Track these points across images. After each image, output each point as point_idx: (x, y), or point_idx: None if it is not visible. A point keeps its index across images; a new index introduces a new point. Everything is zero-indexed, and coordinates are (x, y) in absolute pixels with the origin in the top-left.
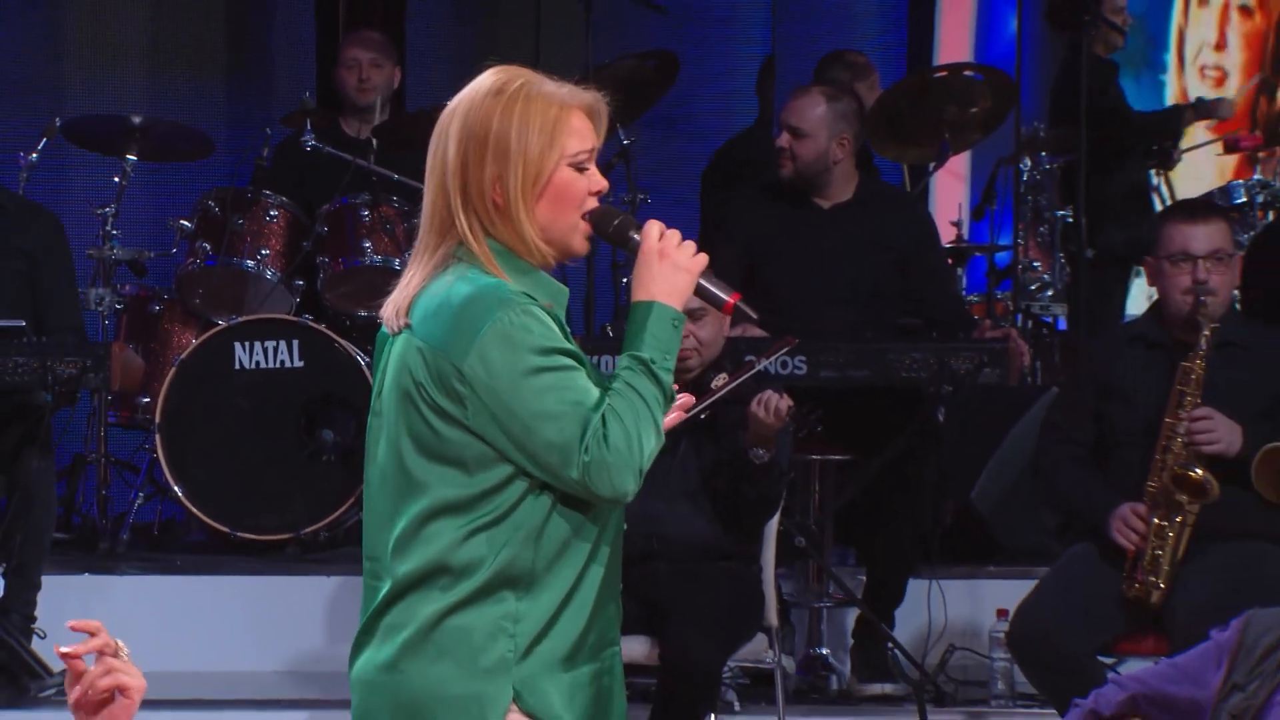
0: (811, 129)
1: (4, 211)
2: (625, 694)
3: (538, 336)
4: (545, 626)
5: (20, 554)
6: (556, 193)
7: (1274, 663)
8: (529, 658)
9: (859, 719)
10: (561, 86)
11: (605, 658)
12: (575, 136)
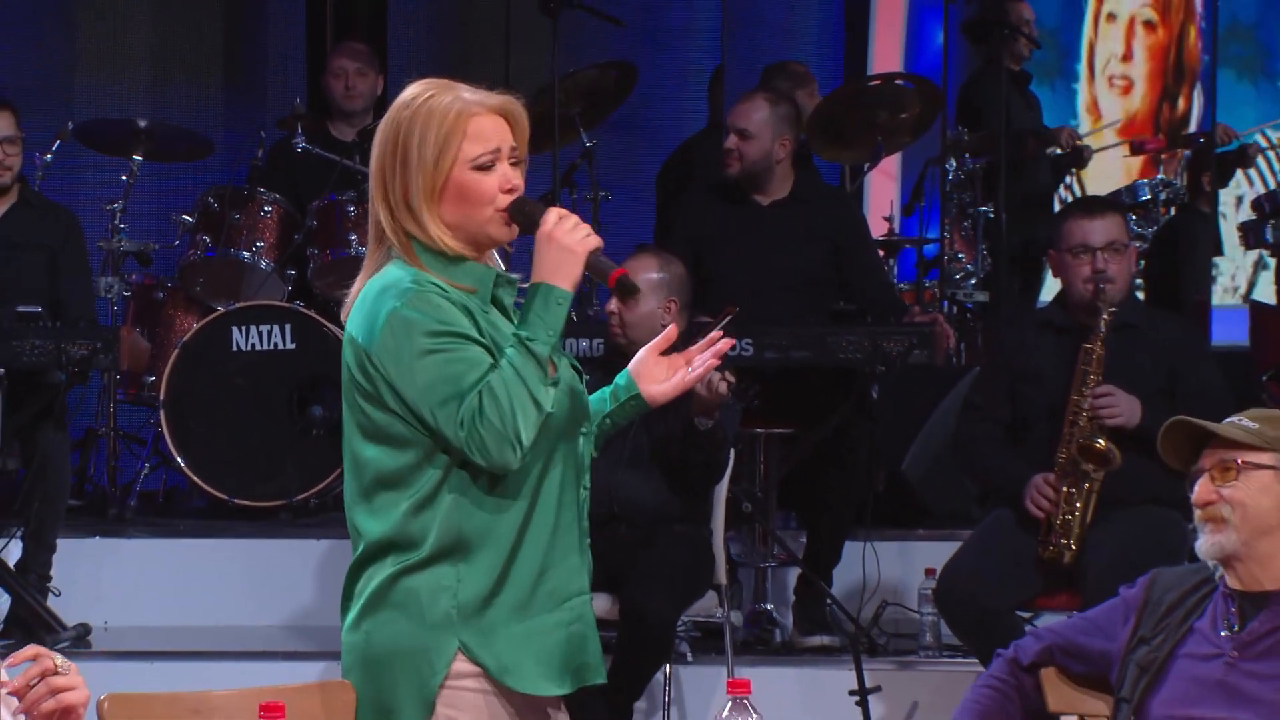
0: (756, 130)
1: (29, 208)
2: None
3: (428, 321)
4: (490, 585)
5: (37, 518)
6: (458, 194)
7: (1177, 618)
8: (477, 614)
9: (800, 669)
10: (475, 93)
11: (571, 607)
12: (475, 140)
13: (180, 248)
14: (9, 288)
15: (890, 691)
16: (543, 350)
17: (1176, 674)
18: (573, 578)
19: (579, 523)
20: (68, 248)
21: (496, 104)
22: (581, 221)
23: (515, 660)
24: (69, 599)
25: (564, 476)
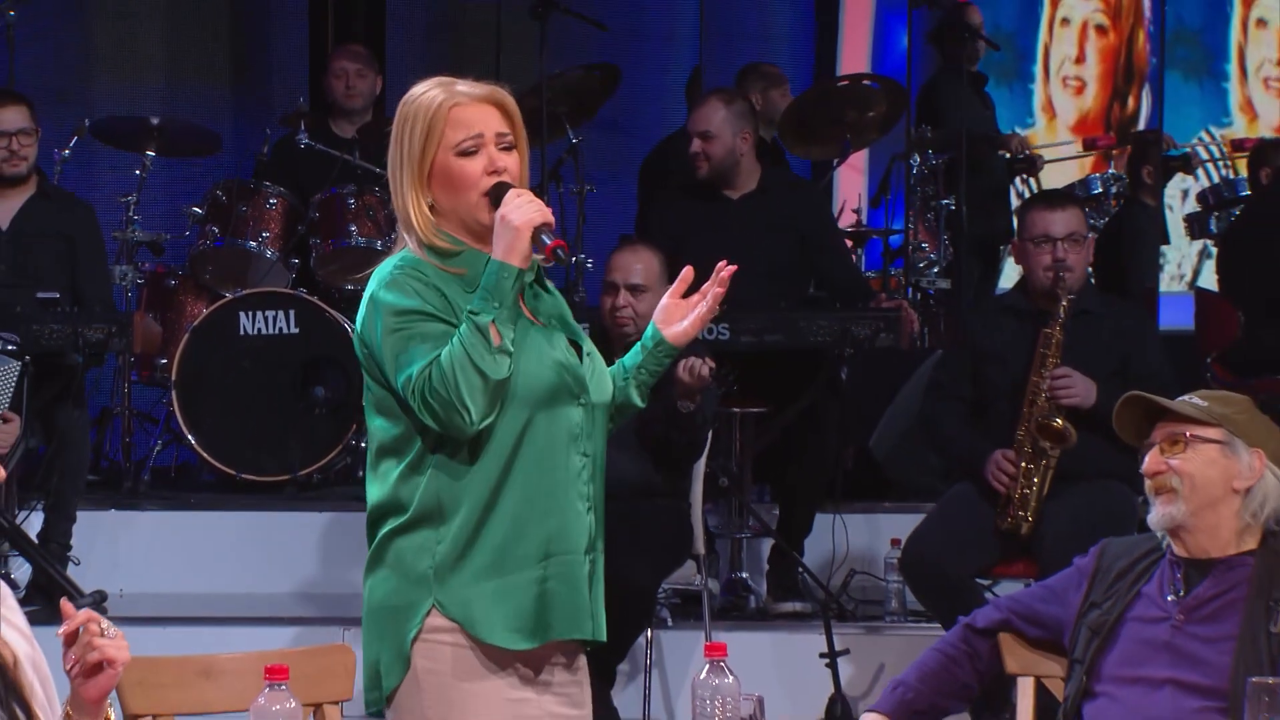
0: (717, 131)
1: (47, 200)
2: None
3: (396, 302)
4: (462, 545)
5: (57, 492)
6: (445, 179)
7: (1126, 584)
8: (451, 572)
9: (774, 633)
10: (465, 85)
11: (551, 565)
12: (457, 127)
13: (190, 238)
14: (29, 275)
15: (858, 654)
16: (484, 320)
17: (1126, 636)
18: (556, 538)
19: (573, 487)
20: (85, 238)
21: (482, 93)
22: (533, 199)
23: (485, 615)
24: (87, 567)
25: (547, 444)
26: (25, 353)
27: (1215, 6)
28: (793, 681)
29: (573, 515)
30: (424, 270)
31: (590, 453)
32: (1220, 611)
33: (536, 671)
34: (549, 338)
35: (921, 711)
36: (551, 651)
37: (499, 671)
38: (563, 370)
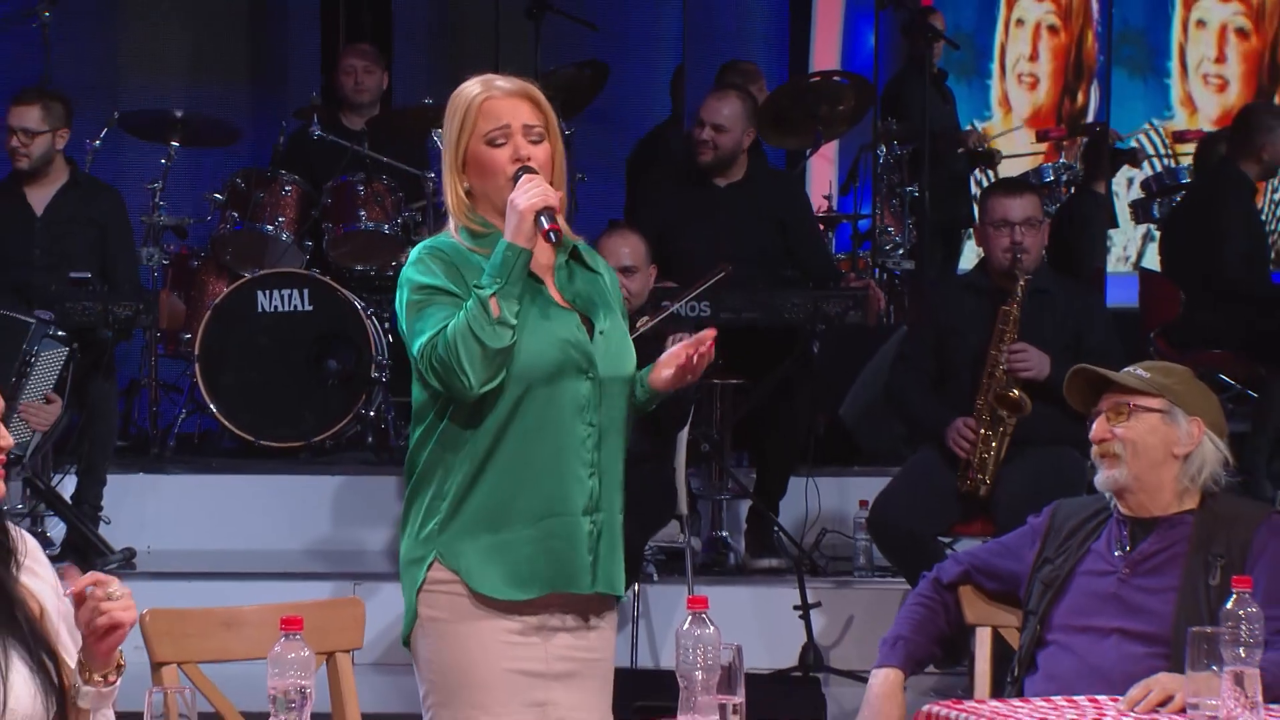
0: (730, 124)
1: (79, 188)
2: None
3: (415, 278)
4: (458, 503)
5: (89, 457)
6: (476, 165)
7: (1077, 541)
8: (448, 528)
9: (751, 587)
10: (502, 80)
11: (548, 524)
12: (487, 118)
13: (212, 222)
14: (63, 258)
15: (829, 606)
16: (485, 294)
17: (1076, 589)
18: (556, 500)
19: (576, 454)
20: (114, 222)
21: (514, 88)
22: (542, 184)
23: (481, 567)
24: (117, 527)
25: (548, 413)
26: (60, 328)
27: (1158, 8)
28: (769, 632)
29: (573, 480)
30: (446, 250)
31: (597, 422)
32: (1163, 565)
33: (540, 620)
34: (560, 317)
35: (921, 660)
36: (557, 602)
37: (497, 618)
38: (569, 347)
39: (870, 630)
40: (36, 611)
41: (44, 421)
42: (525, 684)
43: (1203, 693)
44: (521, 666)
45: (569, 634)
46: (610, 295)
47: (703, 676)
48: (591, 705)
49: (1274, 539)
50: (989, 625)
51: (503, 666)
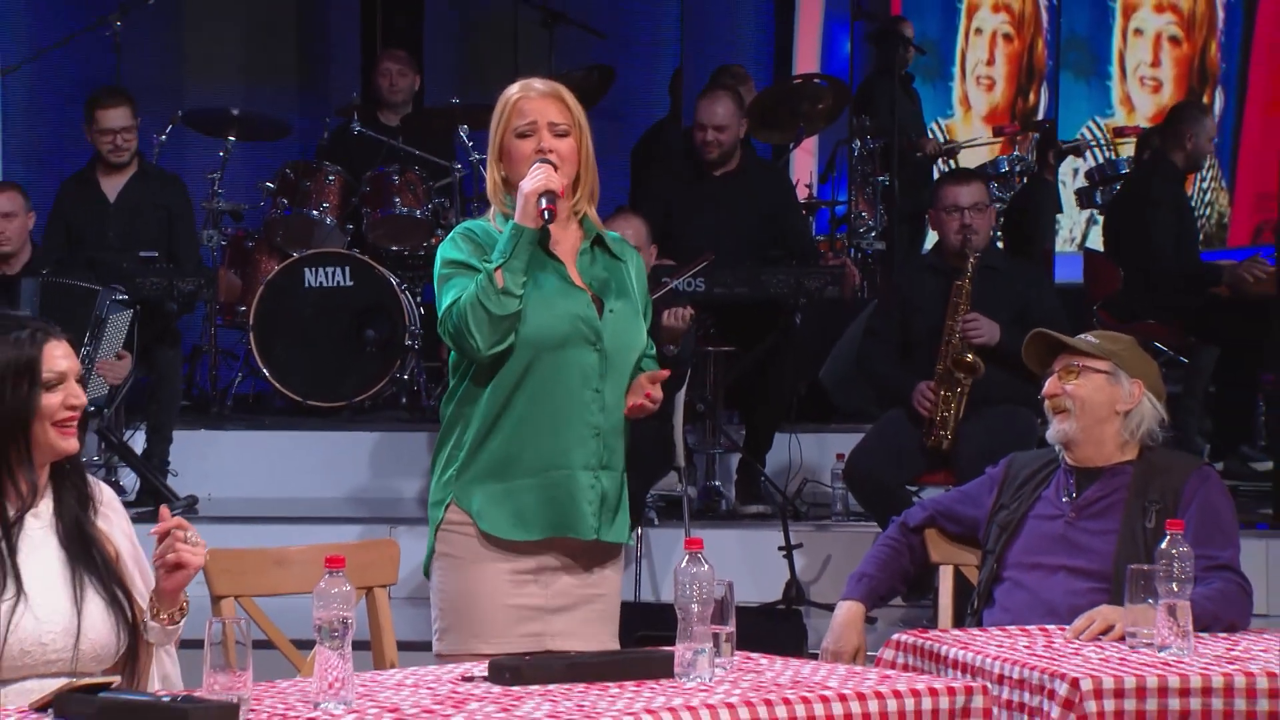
0: (728, 122)
1: (147, 177)
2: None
3: (444, 254)
4: (472, 453)
5: (157, 416)
6: (508, 155)
7: (1029, 489)
8: (464, 474)
9: (741, 530)
10: (538, 83)
11: (550, 476)
12: (519, 114)
13: (264, 208)
14: (133, 239)
15: (809, 547)
16: (490, 268)
17: (1028, 531)
18: (564, 455)
19: (580, 416)
20: (179, 208)
21: (545, 89)
22: (547, 171)
23: (490, 510)
24: (182, 477)
25: (554, 379)
26: (133, 303)
27: (1100, 19)
28: (756, 569)
29: (575, 439)
30: (477, 232)
31: (602, 390)
32: (1105, 510)
33: (541, 562)
34: (573, 294)
35: (884, 595)
36: (560, 546)
37: (503, 559)
38: (577, 321)
39: (846, 568)
40: (113, 554)
41: (117, 375)
42: (523, 617)
43: (1139, 623)
44: (521, 602)
45: (570, 575)
46: (630, 282)
47: (698, 609)
48: (588, 634)
49: (1203, 488)
50: (951, 564)
51: (504, 602)
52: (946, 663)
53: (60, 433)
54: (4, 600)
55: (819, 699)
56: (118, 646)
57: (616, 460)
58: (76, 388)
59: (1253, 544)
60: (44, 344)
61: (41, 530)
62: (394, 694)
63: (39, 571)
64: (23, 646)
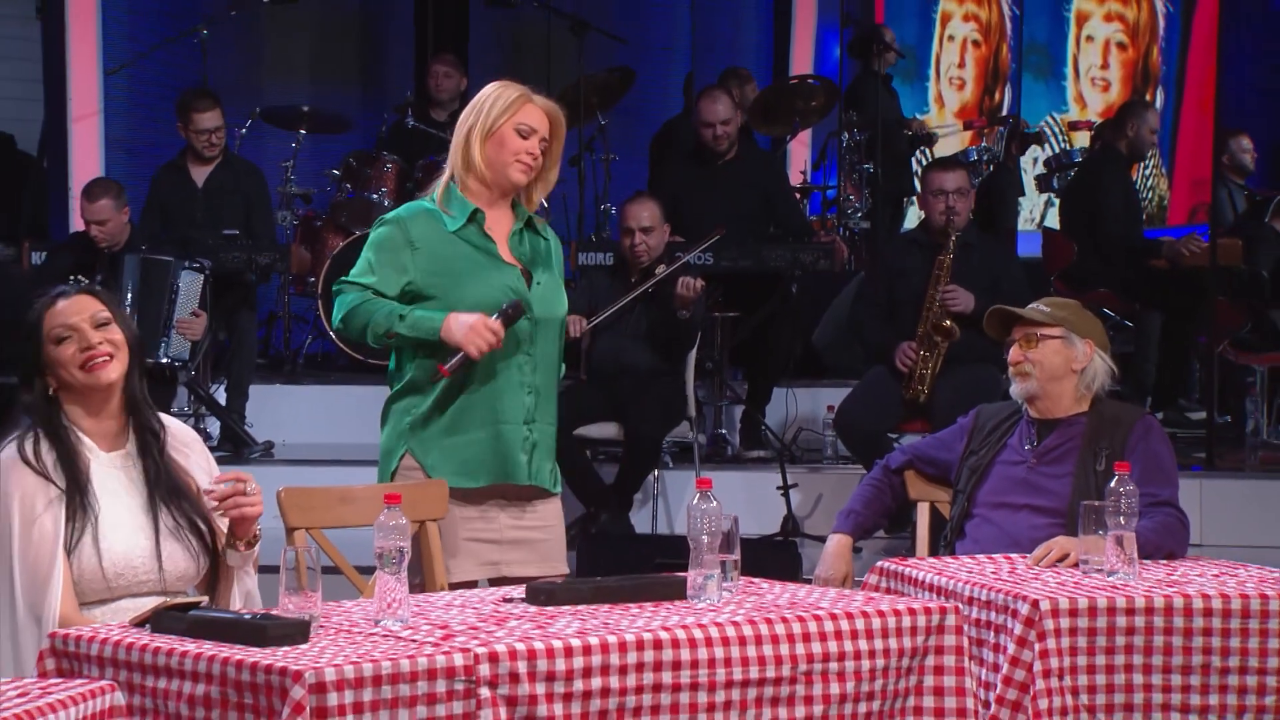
0: (730, 116)
1: (230, 165)
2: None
3: (366, 254)
4: (427, 411)
5: (236, 373)
6: (499, 140)
7: (996, 437)
8: (419, 430)
9: (744, 472)
10: (539, 96)
11: (493, 429)
12: (526, 114)
13: (330, 192)
14: (218, 219)
15: (804, 487)
16: (393, 327)
17: (995, 474)
18: (502, 411)
19: (515, 377)
20: (256, 192)
21: (546, 106)
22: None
23: (441, 462)
24: (259, 425)
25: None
26: (204, 269)
27: (1057, 27)
28: (757, 506)
29: (512, 397)
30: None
31: (534, 353)
32: (1062, 456)
33: (487, 505)
34: (505, 270)
35: (868, 528)
36: (501, 491)
37: (457, 502)
38: (509, 292)
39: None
40: (193, 487)
41: (195, 332)
42: (480, 549)
43: (1091, 552)
44: (476, 536)
45: (511, 515)
46: (552, 257)
47: (708, 540)
48: (539, 564)
49: (1146, 435)
50: (928, 501)
51: (461, 537)
52: (923, 586)
53: (87, 372)
54: (91, 528)
55: (812, 617)
56: (199, 569)
57: (547, 414)
58: (92, 334)
59: (1188, 484)
60: (49, 307)
61: (124, 467)
62: (444, 613)
63: (124, 503)
64: (115, 569)
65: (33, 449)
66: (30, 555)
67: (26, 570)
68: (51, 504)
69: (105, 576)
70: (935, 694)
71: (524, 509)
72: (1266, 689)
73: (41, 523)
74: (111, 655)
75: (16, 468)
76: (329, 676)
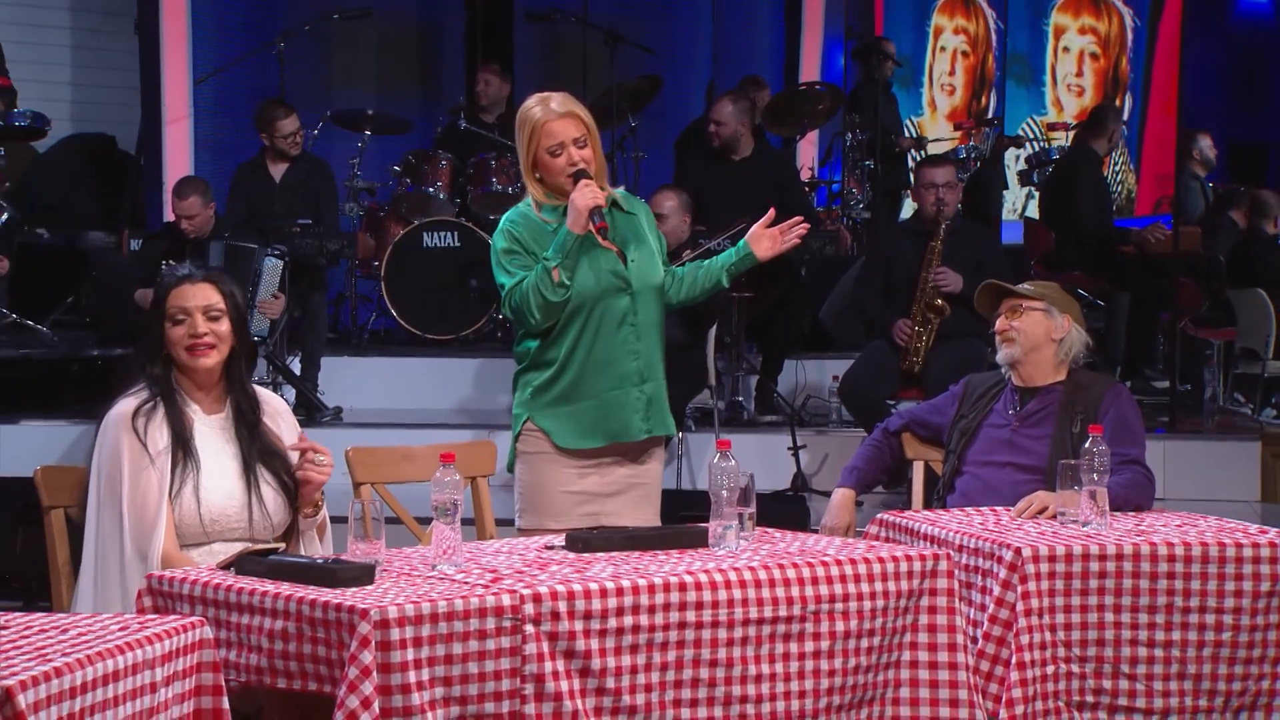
0: (725, 119)
1: (304, 162)
2: (644, 409)
3: (501, 243)
4: (546, 383)
5: (310, 346)
6: (543, 167)
7: (983, 403)
8: (537, 399)
9: (759, 434)
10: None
11: (605, 397)
12: (548, 136)
13: (392, 186)
14: (293, 210)
15: (812, 448)
16: (550, 264)
17: (982, 436)
18: (612, 380)
19: (624, 346)
20: (327, 186)
21: (564, 110)
22: (594, 189)
23: (559, 427)
24: (330, 393)
25: (603, 322)
26: (284, 256)
27: (1036, 39)
28: (770, 465)
29: (623, 364)
30: (520, 223)
31: (636, 323)
32: (1042, 419)
33: (599, 460)
34: (603, 255)
35: (869, 484)
36: (615, 449)
37: (569, 459)
38: (610, 275)
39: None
40: (282, 449)
41: (274, 312)
42: (582, 501)
43: (1068, 505)
44: (581, 489)
45: (621, 467)
46: (643, 227)
47: (727, 494)
48: (635, 513)
49: (1117, 401)
50: (922, 460)
51: (566, 490)
52: (918, 536)
53: (190, 355)
54: (193, 477)
55: (820, 563)
56: (284, 519)
57: (655, 371)
58: (201, 324)
59: (1153, 445)
60: (175, 287)
61: (223, 428)
62: (493, 558)
63: (221, 460)
64: (211, 516)
65: (145, 407)
66: (138, 501)
67: (134, 514)
68: (160, 455)
69: (202, 523)
70: (929, 631)
71: (635, 463)
72: (1223, 625)
73: (149, 473)
74: (201, 594)
75: (127, 422)
76: (391, 614)
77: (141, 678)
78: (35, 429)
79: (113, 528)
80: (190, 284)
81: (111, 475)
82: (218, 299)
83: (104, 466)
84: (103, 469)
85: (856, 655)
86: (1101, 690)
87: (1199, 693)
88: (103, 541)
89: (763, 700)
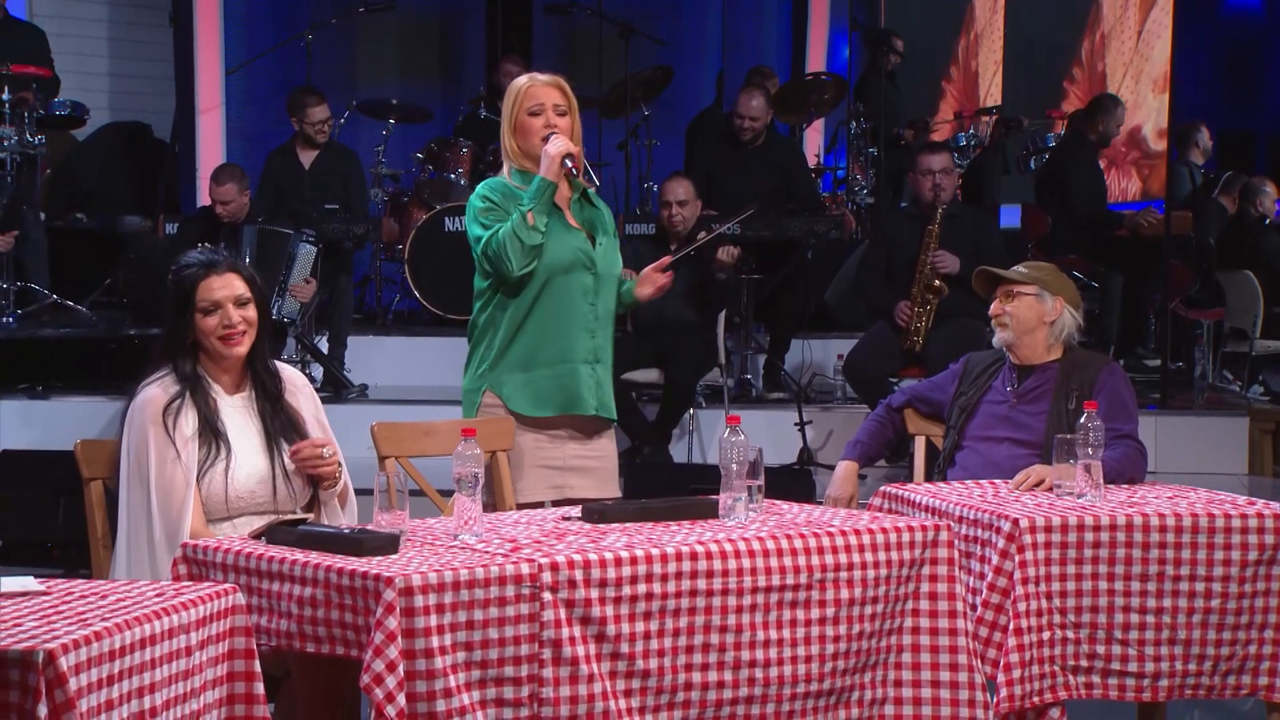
0: (761, 114)
1: (332, 150)
2: (595, 387)
3: (478, 203)
4: (501, 352)
5: (336, 326)
6: (521, 128)
7: (982, 380)
8: (495, 368)
9: (767, 411)
10: (543, 76)
11: (561, 367)
12: (529, 98)
13: (415, 172)
14: (321, 195)
15: (817, 424)
16: (525, 208)
17: (981, 412)
18: (570, 351)
19: (581, 322)
20: (353, 173)
21: (548, 80)
22: (564, 139)
23: (515, 394)
24: (355, 371)
25: (563, 294)
26: (316, 241)
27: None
28: (778, 439)
29: (578, 339)
30: (497, 188)
31: (596, 303)
32: (1038, 396)
33: (555, 434)
34: (573, 233)
35: (872, 457)
36: (567, 422)
37: (527, 431)
38: (578, 251)
39: (844, 438)
40: (303, 425)
41: (305, 295)
42: (548, 474)
43: (1064, 478)
44: (545, 462)
45: (577, 443)
46: (608, 224)
47: (737, 468)
48: (598, 488)
49: (1110, 378)
50: (924, 435)
51: (531, 462)
52: (919, 508)
53: (223, 344)
54: (223, 460)
55: (825, 533)
56: (305, 494)
57: (607, 358)
58: (234, 313)
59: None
60: (203, 278)
61: (245, 407)
62: (512, 529)
63: (246, 438)
64: (237, 492)
65: (175, 404)
66: (165, 483)
67: (162, 499)
68: (188, 444)
69: (227, 500)
70: (930, 599)
71: (587, 439)
72: (1212, 593)
73: (175, 465)
74: (233, 563)
75: (154, 407)
76: (415, 582)
77: (177, 641)
78: (75, 404)
79: (141, 508)
80: (216, 275)
81: (140, 459)
82: (243, 287)
83: (133, 448)
84: (131, 450)
85: (860, 622)
86: (1095, 655)
87: (1189, 657)
88: (133, 519)
89: (770, 664)
